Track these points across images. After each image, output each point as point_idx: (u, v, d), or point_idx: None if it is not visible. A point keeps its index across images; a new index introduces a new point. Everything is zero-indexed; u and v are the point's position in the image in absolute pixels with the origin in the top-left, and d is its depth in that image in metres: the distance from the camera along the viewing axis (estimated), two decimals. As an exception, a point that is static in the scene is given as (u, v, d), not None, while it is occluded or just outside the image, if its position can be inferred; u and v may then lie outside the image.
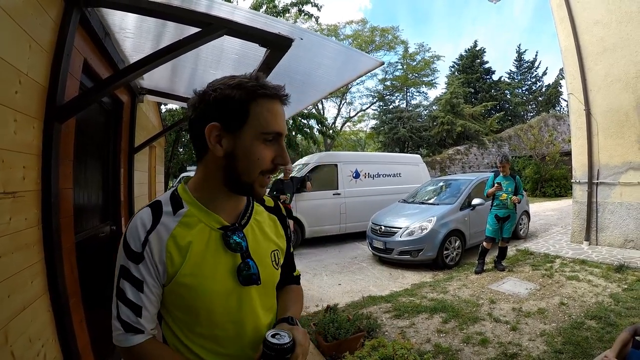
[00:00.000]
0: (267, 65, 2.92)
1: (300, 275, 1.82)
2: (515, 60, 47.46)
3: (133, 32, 3.48)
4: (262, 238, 1.49)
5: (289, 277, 1.73)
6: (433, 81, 40.16)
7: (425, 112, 39.66)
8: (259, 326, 1.42)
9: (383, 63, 3.48)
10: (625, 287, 6.79)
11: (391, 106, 41.17)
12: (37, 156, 2.31)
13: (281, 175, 10.03)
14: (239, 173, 1.32)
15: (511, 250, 9.83)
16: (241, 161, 1.30)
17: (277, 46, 2.58)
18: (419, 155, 16.54)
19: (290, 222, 2.67)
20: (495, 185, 8.12)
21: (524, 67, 46.85)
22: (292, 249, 1.75)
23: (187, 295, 1.30)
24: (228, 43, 3.20)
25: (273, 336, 1.25)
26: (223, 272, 1.34)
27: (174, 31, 3.09)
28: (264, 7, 13.09)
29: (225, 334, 1.37)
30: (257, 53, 3.02)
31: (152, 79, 4.98)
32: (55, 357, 2.40)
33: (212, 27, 2.39)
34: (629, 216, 9.36)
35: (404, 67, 38.85)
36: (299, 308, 1.65)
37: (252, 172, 1.31)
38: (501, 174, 8.23)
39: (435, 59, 38.77)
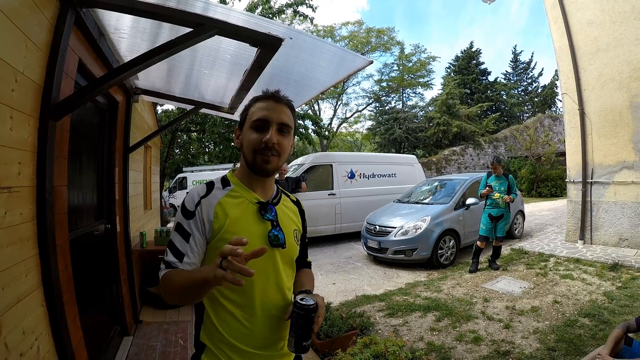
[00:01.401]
0: (259, 65, 2.97)
1: (311, 262, 2.17)
2: (511, 61, 47.69)
3: (128, 33, 3.50)
4: (287, 217, 1.85)
5: (303, 262, 2.06)
6: (429, 82, 40.21)
7: (421, 113, 39.69)
8: (280, 285, 1.73)
9: (372, 62, 3.52)
10: (619, 285, 6.84)
11: (387, 107, 41.23)
12: (32, 153, 2.35)
13: (276, 176, 10.06)
14: (245, 156, 1.72)
15: (506, 250, 9.87)
16: (244, 146, 1.72)
17: (267, 45, 2.63)
18: (414, 156, 16.55)
19: None
20: (487, 187, 8.20)
21: (520, 68, 47.01)
22: (306, 239, 2.09)
23: None
24: (223, 44, 3.22)
25: (301, 300, 1.57)
26: (257, 234, 1.67)
27: (169, 32, 3.11)
28: (260, 9, 13.09)
29: (252, 287, 1.64)
30: (250, 53, 3.05)
31: (148, 79, 5.00)
32: (48, 351, 2.42)
33: (204, 28, 2.44)
34: (623, 215, 9.42)
35: (400, 68, 38.85)
36: (312, 284, 1.98)
37: (249, 153, 1.69)
38: (494, 175, 8.29)
39: (431, 60, 38.81)
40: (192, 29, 2.47)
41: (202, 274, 1.38)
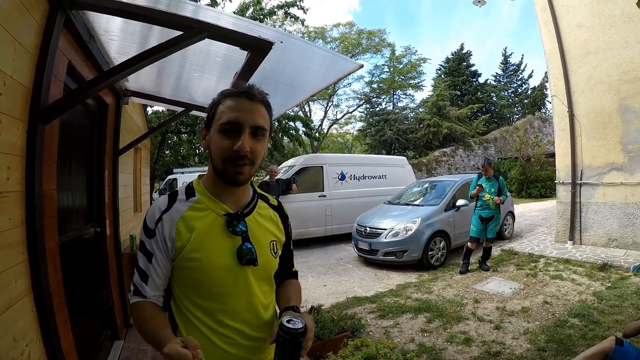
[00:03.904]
0: (249, 68, 2.96)
1: (297, 271, 2.00)
2: (501, 63, 48.05)
3: (118, 35, 3.48)
4: (262, 228, 1.68)
5: (289, 272, 1.93)
6: (419, 84, 40.06)
7: (411, 115, 39.63)
8: (253, 303, 1.60)
9: (362, 66, 3.53)
10: (609, 285, 6.90)
11: (378, 108, 41.16)
12: (21, 157, 2.32)
13: (267, 178, 10.07)
14: (214, 163, 1.55)
15: (496, 251, 9.94)
16: (212, 152, 1.54)
17: (257, 49, 2.62)
18: (404, 157, 16.59)
19: None
20: (477, 187, 8.23)
21: (510, 70, 47.33)
22: (291, 247, 1.95)
23: (193, 267, 1.50)
24: (214, 47, 3.21)
25: (288, 322, 1.41)
26: (225, 251, 1.54)
27: (159, 34, 3.10)
28: (251, 10, 13.07)
29: (222, 307, 1.54)
30: (241, 56, 3.04)
31: (138, 81, 4.97)
32: (39, 358, 2.40)
33: (194, 31, 2.43)
34: (612, 216, 9.50)
35: (391, 69, 38.81)
36: (299, 298, 1.83)
37: (217, 161, 1.52)
38: (484, 176, 8.33)
39: (422, 61, 38.68)
40: (182, 32, 2.46)
41: (161, 345, 1.30)
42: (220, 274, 1.52)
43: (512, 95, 47.15)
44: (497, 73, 48.44)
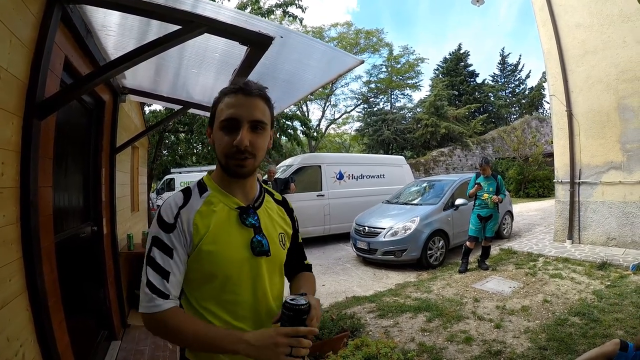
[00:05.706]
0: (249, 63, 2.92)
1: (311, 265, 2.02)
2: (499, 64, 47.85)
3: (115, 30, 3.45)
4: (271, 221, 1.72)
5: (301, 266, 1.97)
6: (417, 84, 40.17)
7: (409, 115, 39.59)
8: (266, 295, 1.61)
9: (363, 61, 3.52)
10: (608, 283, 6.89)
11: (375, 108, 41.15)
12: (16, 153, 2.29)
13: (265, 177, 10.03)
14: (218, 159, 1.60)
15: (495, 250, 9.92)
16: (215, 149, 1.59)
17: (257, 44, 2.58)
18: (402, 157, 16.61)
19: None
20: (476, 185, 8.21)
21: (508, 70, 47.26)
22: (300, 239, 1.96)
23: (208, 260, 1.50)
24: (212, 42, 3.18)
25: (291, 300, 1.41)
26: (239, 243, 1.56)
27: (157, 29, 3.06)
28: (249, 9, 13.05)
29: (236, 299, 1.55)
30: (239, 52, 3.00)
31: (135, 78, 4.94)
32: (34, 358, 2.37)
33: (193, 25, 2.39)
34: (610, 215, 9.50)
35: (389, 69, 38.86)
36: (312, 288, 1.84)
37: (220, 156, 1.57)
38: (482, 176, 8.31)
39: (420, 61, 38.78)
40: (180, 27, 2.42)
41: (234, 347, 1.37)
42: (236, 265, 1.54)
43: (510, 95, 47.12)
44: (494, 73, 48.37)
